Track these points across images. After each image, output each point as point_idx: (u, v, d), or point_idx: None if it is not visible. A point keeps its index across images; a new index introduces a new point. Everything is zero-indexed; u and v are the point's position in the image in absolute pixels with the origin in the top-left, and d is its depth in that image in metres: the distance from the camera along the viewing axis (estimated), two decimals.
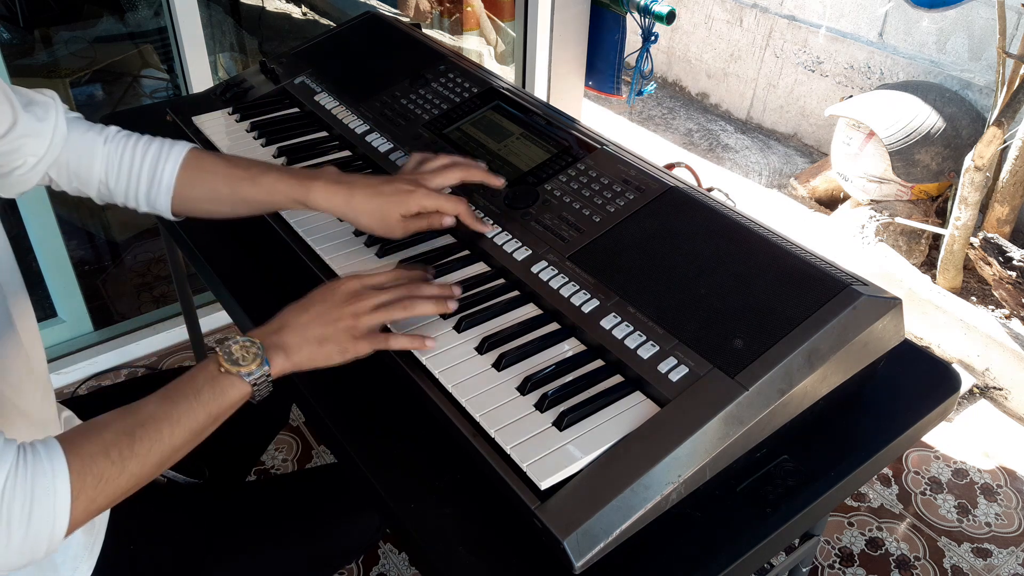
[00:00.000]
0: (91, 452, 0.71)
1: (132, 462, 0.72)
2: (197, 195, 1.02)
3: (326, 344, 0.83)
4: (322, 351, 0.83)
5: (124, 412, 0.75)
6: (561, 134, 1.13)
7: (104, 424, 0.74)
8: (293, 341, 0.83)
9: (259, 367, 0.79)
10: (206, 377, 0.79)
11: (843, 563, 1.76)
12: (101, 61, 2.56)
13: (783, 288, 0.84)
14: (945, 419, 0.99)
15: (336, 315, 0.85)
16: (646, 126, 3.75)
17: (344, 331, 0.84)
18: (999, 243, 2.32)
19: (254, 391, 0.80)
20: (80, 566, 0.91)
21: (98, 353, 2.19)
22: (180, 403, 0.76)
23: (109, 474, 0.71)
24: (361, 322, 0.85)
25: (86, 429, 0.73)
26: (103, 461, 0.71)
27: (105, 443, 0.72)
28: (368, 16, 1.49)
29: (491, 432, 0.78)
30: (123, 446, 0.72)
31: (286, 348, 0.82)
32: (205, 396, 0.77)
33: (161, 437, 0.74)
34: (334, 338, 0.84)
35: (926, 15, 2.91)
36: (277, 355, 0.81)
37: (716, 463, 0.77)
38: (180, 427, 0.76)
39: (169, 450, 0.75)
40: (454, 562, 0.75)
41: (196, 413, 0.77)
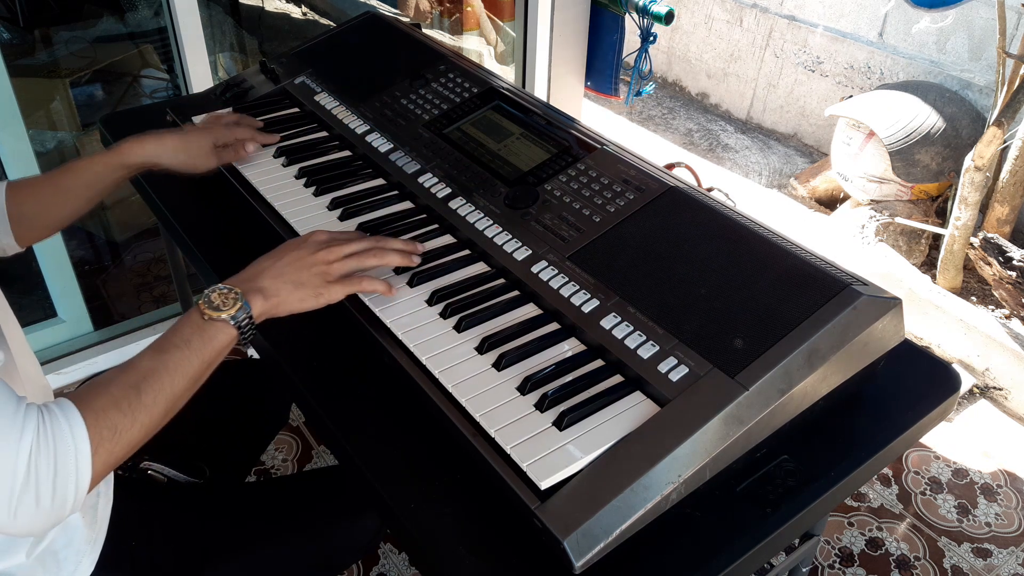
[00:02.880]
0: (103, 406, 0.74)
1: (141, 412, 0.76)
2: (30, 212, 1.06)
3: (301, 288, 0.88)
4: (297, 294, 0.88)
5: (123, 369, 0.78)
6: (561, 134, 1.13)
7: (107, 380, 0.77)
8: (269, 285, 0.87)
9: (240, 310, 0.83)
10: (192, 327, 0.82)
11: (843, 563, 1.76)
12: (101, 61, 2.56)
13: (783, 288, 0.84)
14: (945, 419, 0.99)
15: (310, 261, 0.90)
16: (646, 126, 3.75)
17: (318, 275, 0.89)
18: (999, 243, 2.32)
19: (240, 334, 0.84)
20: (83, 560, 0.91)
21: (98, 353, 2.19)
22: (174, 353, 0.80)
23: (122, 425, 0.74)
24: (333, 268, 0.91)
25: (92, 386, 0.76)
26: (115, 413, 0.74)
27: (114, 397, 0.75)
28: (368, 16, 1.49)
29: (491, 432, 0.78)
30: (131, 398, 0.76)
31: (263, 291, 0.86)
32: (195, 344, 0.81)
33: (163, 387, 0.78)
34: (308, 282, 0.89)
35: (926, 15, 2.91)
36: (255, 298, 0.85)
37: (716, 463, 0.77)
38: (178, 375, 0.79)
39: (172, 398, 0.79)
40: (454, 562, 0.75)
41: (191, 361, 0.80)
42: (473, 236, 1.03)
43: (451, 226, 1.07)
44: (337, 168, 1.21)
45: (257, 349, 1.10)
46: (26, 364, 0.93)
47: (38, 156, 2.00)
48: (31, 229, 1.07)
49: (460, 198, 1.09)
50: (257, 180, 1.18)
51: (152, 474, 1.05)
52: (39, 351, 2.16)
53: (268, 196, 1.15)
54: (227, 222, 1.22)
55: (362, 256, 0.93)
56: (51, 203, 1.08)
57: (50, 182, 1.08)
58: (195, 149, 1.16)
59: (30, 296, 2.22)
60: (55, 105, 2.45)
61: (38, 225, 1.08)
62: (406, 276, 1.00)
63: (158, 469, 1.06)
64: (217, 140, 1.19)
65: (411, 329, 0.91)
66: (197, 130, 1.19)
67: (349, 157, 1.24)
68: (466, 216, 1.06)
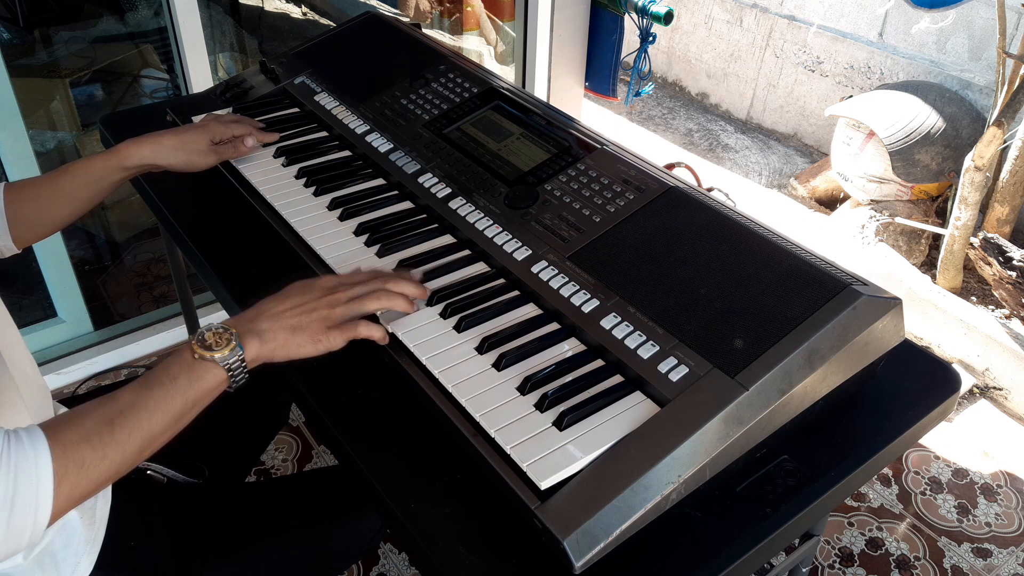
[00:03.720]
0: (73, 439, 0.71)
1: (112, 448, 0.73)
2: (29, 213, 1.06)
3: (299, 333, 0.85)
4: (295, 340, 0.85)
5: (103, 401, 0.76)
6: (561, 134, 1.13)
7: (84, 412, 0.74)
8: (267, 328, 0.84)
9: (232, 351, 0.80)
10: (181, 364, 0.80)
11: (843, 563, 1.76)
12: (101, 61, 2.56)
13: (783, 288, 0.84)
14: (945, 419, 0.99)
15: (311, 306, 0.87)
16: (646, 126, 3.75)
17: (318, 321, 0.86)
18: (999, 243, 2.32)
19: (229, 377, 0.81)
20: (81, 561, 0.91)
21: (98, 353, 2.19)
22: (156, 390, 0.77)
23: (90, 460, 0.72)
24: (335, 313, 0.87)
25: (67, 418, 0.74)
26: (84, 448, 0.72)
27: (86, 430, 0.72)
28: (368, 16, 1.49)
29: (491, 432, 0.78)
30: (103, 433, 0.73)
31: (260, 334, 0.83)
32: (181, 383, 0.78)
33: (140, 424, 0.75)
34: (307, 328, 0.85)
35: (926, 15, 2.91)
36: (251, 341, 0.82)
37: (716, 463, 0.77)
38: (158, 414, 0.76)
39: (148, 437, 0.76)
40: (454, 562, 0.75)
41: (173, 400, 0.77)
42: (473, 236, 1.03)
43: (451, 226, 1.07)
44: (337, 168, 1.21)
45: None
46: (23, 364, 0.93)
47: (38, 156, 2.00)
48: (29, 230, 1.07)
49: (460, 198, 1.09)
50: (257, 180, 1.18)
51: (151, 474, 1.05)
52: (39, 351, 2.16)
53: (268, 196, 1.15)
54: (227, 222, 1.22)
55: (364, 300, 0.90)
56: (49, 204, 1.08)
57: (48, 183, 1.08)
58: (193, 147, 1.16)
59: (30, 296, 2.22)
60: (55, 105, 2.45)
61: (36, 226, 1.08)
62: None
63: (157, 469, 1.05)
64: (214, 136, 1.19)
65: (411, 329, 0.91)
66: (194, 128, 1.19)
67: (349, 157, 1.24)
68: (466, 216, 1.06)
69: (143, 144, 1.12)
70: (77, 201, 1.09)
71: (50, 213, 1.09)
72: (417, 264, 1.02)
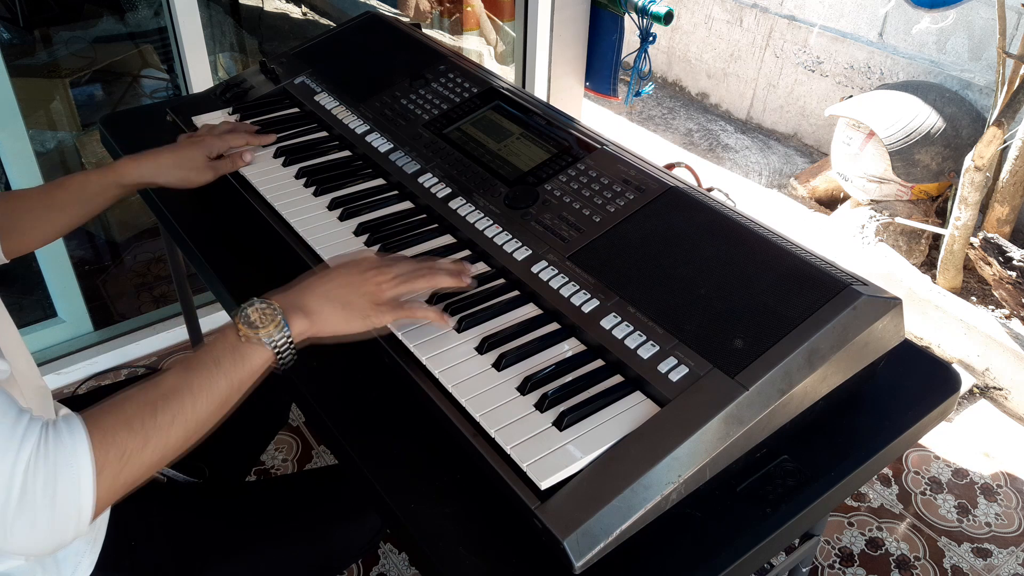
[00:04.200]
0: (112, 425, 0.69)
1: (155, 434, 0.71)
2: (22, 224, 1.05)
3: (348, 309, 0.83)
4: (343, 315, 0.83)
5: (145, 386, 0.74)
6: (561, 134, 1.13)
7: (125, 398, 0.72)
8: (314, 304, 0.82)
9: (279, 329, 0.78)
10: (225, 345, 0.77)
11: (843, 563, 1.76)
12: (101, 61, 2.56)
13: (783, 288, 0.84)
14: (945, 419, 0.99)
15: (358, 280, 0.85)
16: (646, 126, 3.75)
17: (366, 296, 0.84)
18: (999, 243, 2.32)
19: (277, 358, 0.78)
20: (82, 561, 0.91)
21: (98, 353, 2.19)
22: (200, 372, 0.75)
23: (132, 446, 0.69)
24: (383, 289, 0.85)
25: (107, 404, 0.72)
26: (125, 433, 0.69)
27: (127, 416, 0.70)
28: (368, 16, 1.49)
29: (491, 432, 0.78)
30: (145, 417, 0.71)
31: (307, 311, 0.81)
32: (226, 364, 0.76)
33: (183, 408, 0.73)
34: (356, 304, 0.83)
35: (926, 15, 2.91)
36: (297, 317, 0.80)
37: (716, 463, 0.77)
38: (202, 397, 0.74)
39: (193, 422, 0.73)
40: (454, 562, 0.75)
41: (217, 382, 0.75)
42: (473, 236, 1.03)
43: (451, 226, 1.07)
44: (337, 168, 1.21)
45: None
46: (22, 365, 0.93)
47: (38, 156, 2.00)
48: (20, 241, 1.06)
49: (460, 198, 1.09)
50: (257, 180, 1.18)
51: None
52: (39, 351, 2.16)
53: (268, 196, 1.15)
54: (227, 222, 1.22)
55: (412, 279, 0.88)
56: (43, 216, 1.07)
57: (43, 196, 1.07)
58: (190, 164, 1.15)
59: (30, 296, 2.22)
60: (55, 105, 2.45)
61: (28, 238, 1.07)
62: None
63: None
64: (211, 152, 1.18)
65: (411, 329, 0.91)
66: (191, 144, 1.18)
67: (349, 157, 1.24)
68: (466, 216, 1.06)
69: (141, 162, 1.12)
70: (71, 215, 1.09)
71: (43, 225, 1.08)
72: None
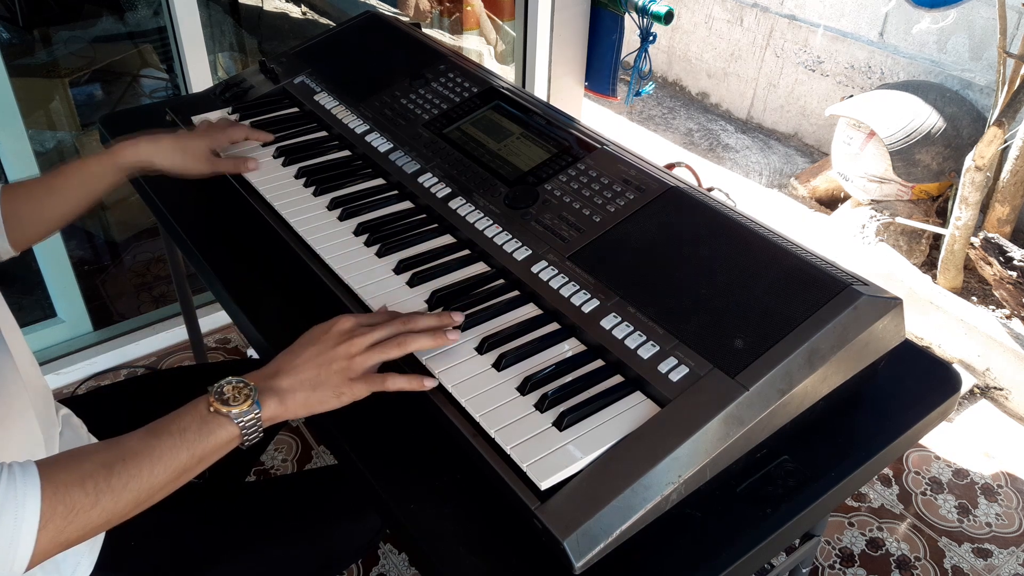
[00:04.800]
0: (66, 481, 0.68)
1: (107, 496, 0.69)
2: (25, 214, 1.05)
3: (320, 388, 0.81)
4: (316, 395, 0.81)
5: (107, 444, 0.73)
6: (561, 134, 1.13)
7: (85, 454, 0.71)
8: (287, 385, 0.80)
9: (249, 408, 0.77)
10: (194, 416, 0.76)
11: (843, 563, 1.76)
12: (101, 61, 2.56)
13: (783, 288, 0.84)
14: (945, 419, 0.99)
15: (329, 357, 0.82)
16: (646, 126, 3.74)
17: (338, 373, 0.81)
18: (999, 243, 2.32)
19: (243, 435, 0.77)
20: (81, 561, 0.91)
21: (97, 353, 2.19)
22: (164, 439, 0.74)
23: (81, 505, 0.68)
24: (355, 363, 0.82)
25: (66, 457, 0.71)
26: (77, 491, 0.68)
27: (82, 473, 0.69)
28: (368, 16, 1.49)
29: (491, 432, 0.78)
30: (99, 478, 0.69)
31: (280, 392, 0.79)
32: (191, 435, 0.75)
33: (140, 473, 0.71)
34: (328, 381, 0.81)
35: (927, 15, 2.91)
36: (270, 399, 0.79)
37: (716, 463, 0.77)
38: (161, 465, 0.73)
39: (147, 488, 0.72)
40: (454, 562, 0.75)
41: (179, 452, 0.74)
42: (473, 236, 1.03)
43: (451, 226, 1.07)
44: (337, 168, 1.21)
45: (256, 348, 1.10)
46: (25, 365, 0.93)
47: (38, 156, 2.00)
48: (26, 232, 1.07)
49: (460, 198, 1.09)
50: (256, 180, 1.18)
51: None
52: (38, 351, 2.16)
53: (268, 196, 1.15)
54: (227, 222, 1.22)
55: (386, 347, 0.83)
56: (46, 205, 1.07)
57: (44, 184, 1.08)
58: (191, 152, 1.15)
59: (30, 296, 2.22)
60: (55, 105, 2.45)
61: (33, 227, 1.07)
62: (406, 276, 0.99)
63: None
64: (214, 146, 1.18)
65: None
66: (194, 134, 1.18)
67: (349, 157, 1.24)
68: (466, 216, 1.06)
69: (140, 144, 1.12)
70: (73, 201, 1.09)
71: (46, 214, 1.08)
72: (417, 263, 1.01)
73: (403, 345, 0.85)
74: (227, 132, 1.21)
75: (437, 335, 0.86)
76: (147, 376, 1.99)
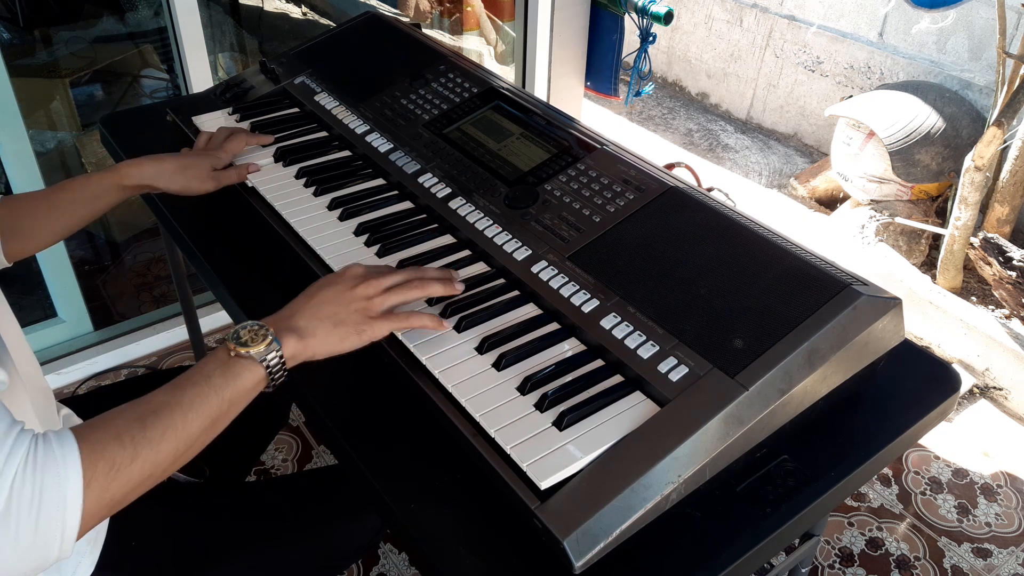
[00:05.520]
0: (102, 438, 0.69)
1: (144, 448, 0.70)
2: (24, 227, 1.05)
3: (341, 326, 0.82)
4: (337, 332, 0.82)
5: (136, 402, 0.73)
6: (561, 134, 1.13)
7: (116, 413, 0.72)
8: (305, 323, 0.81)
9: (269, 348, 0.77)
10: (217, 363, 0.77)
11: (843, 563, 1.76)
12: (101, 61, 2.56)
13: (783, 288, 0.84)
14: (945, 419, 0.99)
15: (348, 297, 0.84)
16: (646, 126, 3.75)
17: (358, 311, 0.83)
18: (999, 243, 2.32)
19: (268, 375, 0.78)
20: (82, 561, 0.91)
21: (98, 353, 2.19)
22: (191, 388, 0.75)
23: (121, 460, 0.68)
24: (374, 302, 0.84)
25: (97, 419, 0.72)
26: (114, 446, 0.69)
27: (117, 429, 0.70)
28: (368, 16, 1.49)
29: (491, 432, 0.78)
30: (135, 431, 0.70)
31: (298, 330, 0.80)
32: (216, 381, 0.75)
33: (173, 423, 0.72)
34: (349, 319, 0.82)
35: (926, 15, 2.91)
36: (289, 337, 0.79)
37: (716, 463, 0.77)
38: (192, 413, 0.73)
39: (183, 437, 0.73)
40: (454, 562, 0.75)
41: (208, 398, 0.74)
42: (473, 236, 1.03)
43: (451, 226, 1.07)
44: (337, 168, 1.21)
45: None
46: (26, 364, 0.93)
47: (38, 156, 2.00)
48: (22, 244, 1.06)
49: (460, 198, 1.09)
50: (257, 180, 1.18)
51: None
52: (39, 351, 2.16)
53: (268, 197, 1.15)
54: (227, 222, 1.22)
55: (403, 289, 0.86)
56: (45, 219, 1.07)
57: (45, 198, 1.07)
58: (193, 172, 1.15)
59: (30, 296, 2.22)
60: (55, 105, 2.45)
61: (30, 241, 1.07)
62: None
63: None
64: (216, 164, 1.18)
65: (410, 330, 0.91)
66: (196, 153, 1.18)
67: (349, 157, 1.24)
68: (466, 216, 1.06)
69: (143, 165, 1.12)
70: (72, 217, 1.09)
71: (45, 228, 1.08)
72: (416, 263, 1.01)
73: (420, 288, 0.88)
74: (227, 147, 1.20)
75: (447, 283, 0.90)
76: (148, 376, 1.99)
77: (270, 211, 1.14)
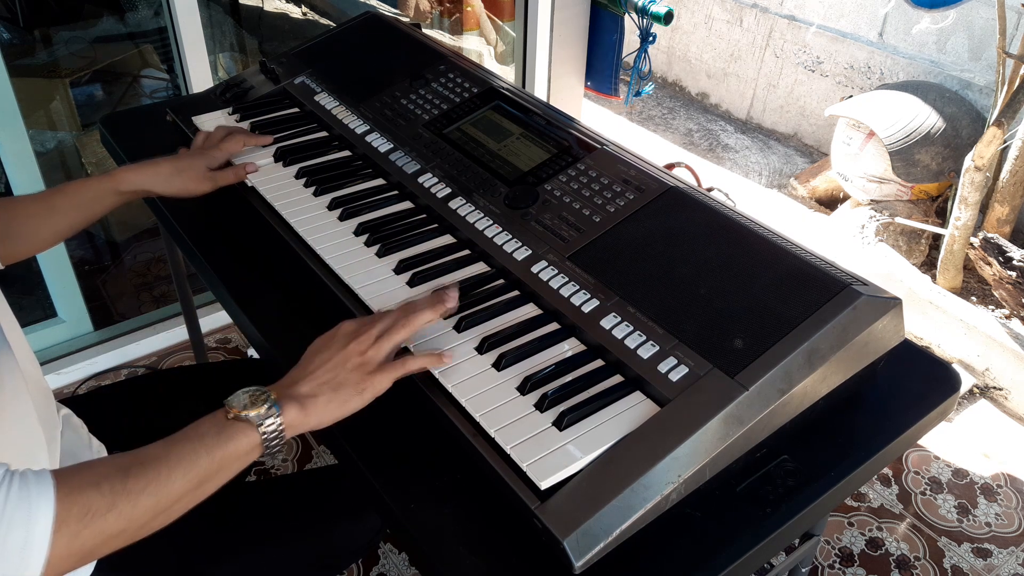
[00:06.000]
0: (80, 484, 0.66)
1: (123, 499, 0.67)
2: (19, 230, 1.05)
3: (341, 388, 0.80)
4: (339, 397, 0.80)
5: (127, 452, 0.71)
6: (561, 134, 1.13)
7: (102, 460, 0.70)
8: (306, 391, 0.79)
9: (268, 411, 0.75)
10: (212, 422, 0.75)
11: (843, 563, 1.76)
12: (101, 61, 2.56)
13: (783, 288, 0.84)
14: (945, 419, 0.99)
15: (342, 357, 0.81)
16: (646, 126, 3.75)
17: (355, 370, 0.81)
18: (999, 243, 2.32)
19: (263, 442, 0.75)
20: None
21: (98, 353, 2.19)
22: (182, 445, 0.72)
23: (97, 507, 0.66)
24: (369, 356, 0.82)
25: (83, 464, 0.70)
26: (92, 492, 0.66)
27: (98, 476, 0.67)
28: (368, 16, 1.49)
29: (491, 432, 0.78)
30: (115, 480, 0.67)
31: (299, 398, 0.78)
32: (209, 440, 0.73)
33: (157, 477, 0.69)
34: (348, 380, 0.80)
35: (926, 15, 2.91)
36: (291, 405, 0.77)
37: (716, 463, 0.77)
38: (180, 470, 0.71)
39: (165, 493, 0.70)
40: (454, 562, 0.75)
41: (198, 456, 0.72)
42: (473, 236, 1.03)
43: (451, 226, 1.07)
44: (337, 168, 1.21)
45: (257, 348, 1.10)
46: (26, 364, 0.93)
47: (38, 156, 2.00)
48: (17, 247, 1.06)
49: (460, 198, 1.09)
50: (257, 180, 1.18)
51: None
52: (39, 351, 2.16)
53: (268, 196, 1.15)
54: (227, 222, 1.22)
55: (393, 333, 0.84)
56: (41, 222, 1.07)
57: (42, 202, 1.07)
58: (189, 175, 1.14)
59: (30, 296, 2.22)
60: (55, 105, 2.45)
61: (25, 244, 1.07)
62: (406, 276, 1.00)
63: None
64: (212, 163, 1.17)
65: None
66: (191, 155, 1.18)
67: (349, 157, 1.24)
68: (466, 216, 1.06)
69: (140, 171, 1.12)
70: (69, 220, 1.09)
71: (41, 232, 1.08)
72: (417, 263, 1.01)
73: (408, 324, 0.85)
74: (223, 147, 1.20)
75: (437, 306, 0.87)
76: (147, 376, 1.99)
77: (270, 211, 1.14)
